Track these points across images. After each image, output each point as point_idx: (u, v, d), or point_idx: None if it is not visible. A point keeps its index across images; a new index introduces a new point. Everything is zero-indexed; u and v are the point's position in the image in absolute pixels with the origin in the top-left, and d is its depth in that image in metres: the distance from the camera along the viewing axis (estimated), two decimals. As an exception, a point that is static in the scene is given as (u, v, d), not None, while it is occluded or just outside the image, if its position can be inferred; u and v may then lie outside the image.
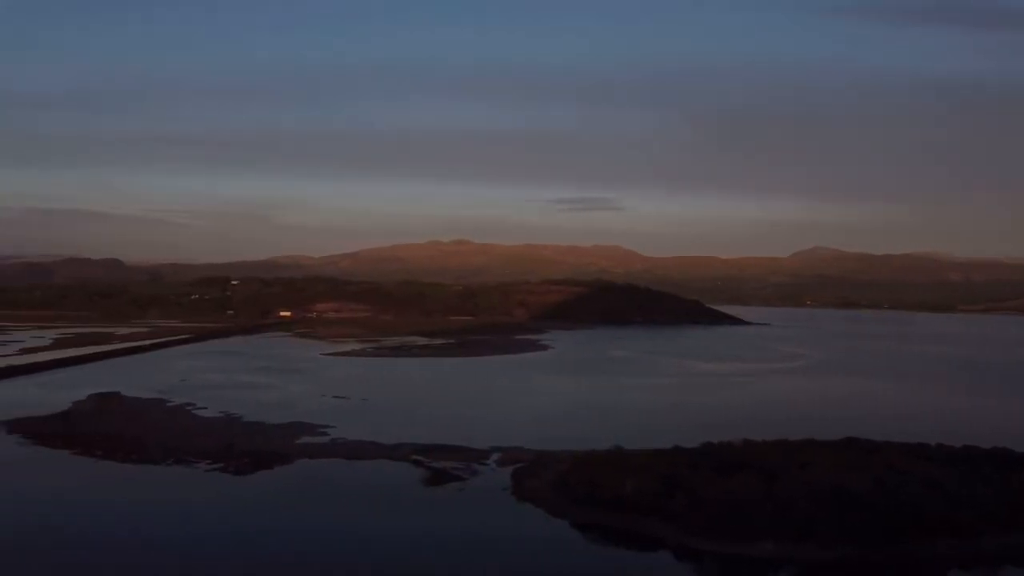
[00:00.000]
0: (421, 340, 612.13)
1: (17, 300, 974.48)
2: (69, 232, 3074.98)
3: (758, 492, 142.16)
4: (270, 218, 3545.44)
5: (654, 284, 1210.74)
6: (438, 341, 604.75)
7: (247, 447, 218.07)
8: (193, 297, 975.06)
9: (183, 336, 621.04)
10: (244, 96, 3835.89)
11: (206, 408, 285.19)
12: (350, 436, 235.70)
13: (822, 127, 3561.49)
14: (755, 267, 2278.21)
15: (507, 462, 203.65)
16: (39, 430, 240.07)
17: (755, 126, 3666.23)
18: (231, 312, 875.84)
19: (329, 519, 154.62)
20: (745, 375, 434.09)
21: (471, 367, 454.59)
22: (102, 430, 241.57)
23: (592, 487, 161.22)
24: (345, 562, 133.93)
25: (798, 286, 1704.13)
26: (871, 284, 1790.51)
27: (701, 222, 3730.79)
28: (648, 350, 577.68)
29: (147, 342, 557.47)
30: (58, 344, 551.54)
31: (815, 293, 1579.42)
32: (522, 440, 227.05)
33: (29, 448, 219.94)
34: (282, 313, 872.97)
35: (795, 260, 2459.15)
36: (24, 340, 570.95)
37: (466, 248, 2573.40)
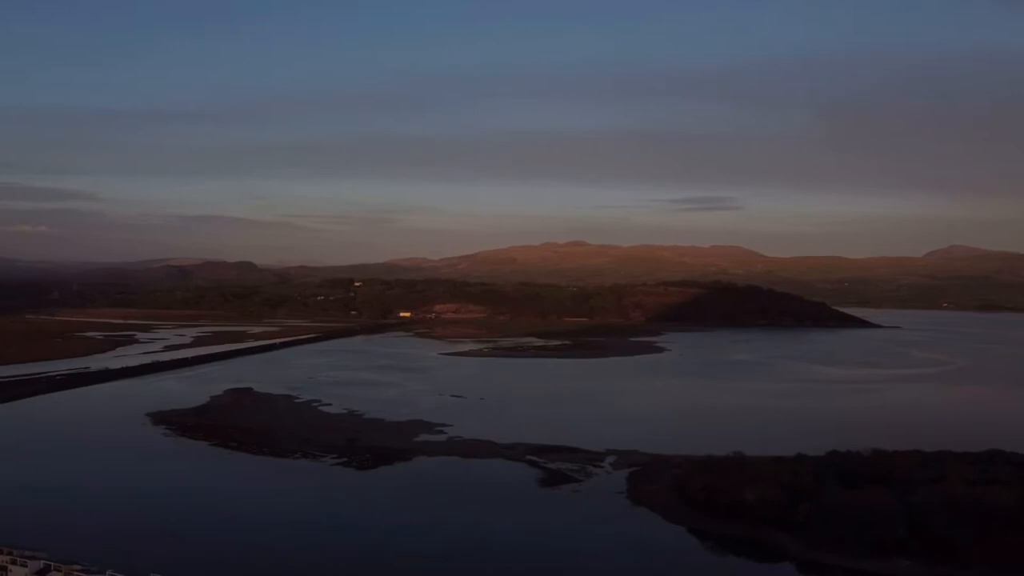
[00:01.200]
0: (536, 341, 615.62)
1: (162, 300, 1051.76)
2: (207, 237, 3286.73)
3: (890, 505, 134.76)
4: (392, 222, 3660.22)
5: (776, 286, 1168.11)
6: (553, 342, 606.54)
7: (369, 443, 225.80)
8: (319, 298, 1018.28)
9: (310, 335, 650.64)
10: (368, 104, 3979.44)
11: (331, 404, 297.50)
12: (466, 435, 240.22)
13: (957, 118, 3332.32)
14: (885, 267, 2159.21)
15: (622, 465, 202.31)
16: (181, 422, 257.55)
17: (884, 118, 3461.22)
18: (355, 312, 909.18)
19: (447, 517, 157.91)
20: (874, 381, 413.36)
21: (586, 368, 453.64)
22: (236, 423, 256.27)
23: (710, 493, 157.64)
24: (464, 560, 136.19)
25: (933, 288, 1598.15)
26: (1016, 285, 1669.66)
27: (826, 221, 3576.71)
28: (770, 354, 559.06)
29: (277, 340, 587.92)
30: (198, 341, 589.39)
31: (952, 295, 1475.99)
32: (637, 443, 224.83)
33: (173, 439, 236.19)
34: (402, 314, 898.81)
35: (929, 260, 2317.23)
36: (168, 338, 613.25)
37: (582, 249, 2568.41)
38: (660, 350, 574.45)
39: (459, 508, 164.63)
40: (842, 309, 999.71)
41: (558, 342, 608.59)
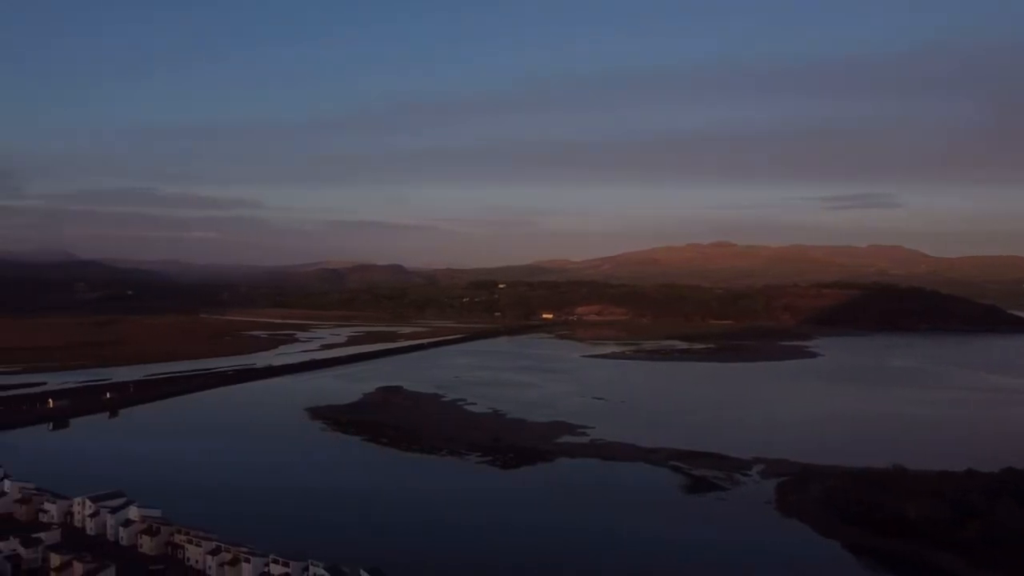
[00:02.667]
0: (680, 344, 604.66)
1: (318, 301, 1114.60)
2: (359, 241, 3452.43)
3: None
4: (536, 224, 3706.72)
5: (942, 287, 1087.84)
6: (698, 345, 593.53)
7: (512, 442, 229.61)
8: (464, 299, 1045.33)
9: (456, 335, 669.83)
10: (513, 108, 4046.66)
11: (475, 404, 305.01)
12: (608, 437, 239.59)
13: None
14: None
15: (770, 474, 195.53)
16: (337, 417, 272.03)
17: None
18: (498, 314, 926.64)
19: (589, 519, 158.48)
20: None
21: (732, 373, 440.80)
22: (387, 420, 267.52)
23: (866, 508, 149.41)
24: (608, 564, 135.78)
25: None
26: None
27: (1001, 217, 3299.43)
28: (935, 360, 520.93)
29: (425, 341, 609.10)
30: (351, 341, 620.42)
31: None
32: (786, 451, 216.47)
33: (329, 433, 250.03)
34: (545, 315, 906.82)
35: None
36: (324, 337, 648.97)
37: (728, 250, 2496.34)
38: (812, 355, 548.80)
39: (601, 511, 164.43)
40: (1019, 313, 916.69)
41: (703, 345, 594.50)
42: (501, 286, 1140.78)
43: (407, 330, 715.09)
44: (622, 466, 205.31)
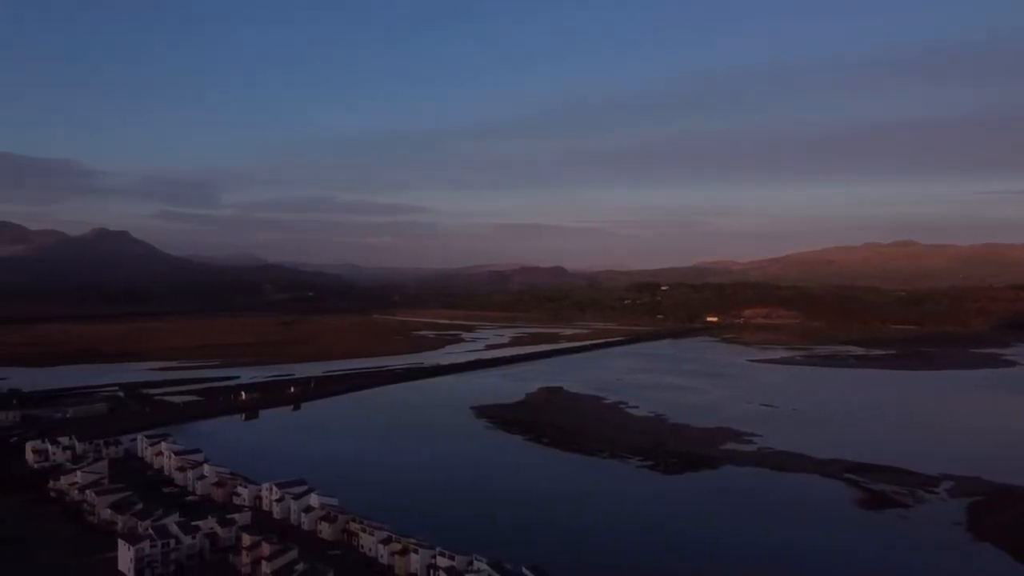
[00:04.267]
0: (856, 350, 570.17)
1: (483, 302, 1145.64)
2: (523, 243, 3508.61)
3: None
4: (699, 224, 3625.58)
5: None
6: (876, 351, 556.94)
7: (675, 447, 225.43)
8: (626, 301, 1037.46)
9: (617, 337, 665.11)
10: (669, 107, 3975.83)
11: (637, 407, 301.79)
12: (777, 446, 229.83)
13: None
14: None
15: (960, 493, 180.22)
16: (501, 416, 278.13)
17: None
18: (660, 316, 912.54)
19: (758, 531, 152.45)
20: None
21: (915, 381, 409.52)
22: (548, 420, 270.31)
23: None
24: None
25: None
26: None
27: None
28: None
29: (587, 342, 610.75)
30: (514, 341, 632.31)
31: None
32: (979, 469, 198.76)
33: (493, 432, 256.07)
34: (709, 318, 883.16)
35: None
36: (488, 337, 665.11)
37: (910, 250, 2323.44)
38: (1009, 363, 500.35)
39: (772, 523, 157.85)
40: None
41: (882, 351, 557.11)
42: (663, 288, 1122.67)
43: (568, 331, 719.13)
44: (792, 477, 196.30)
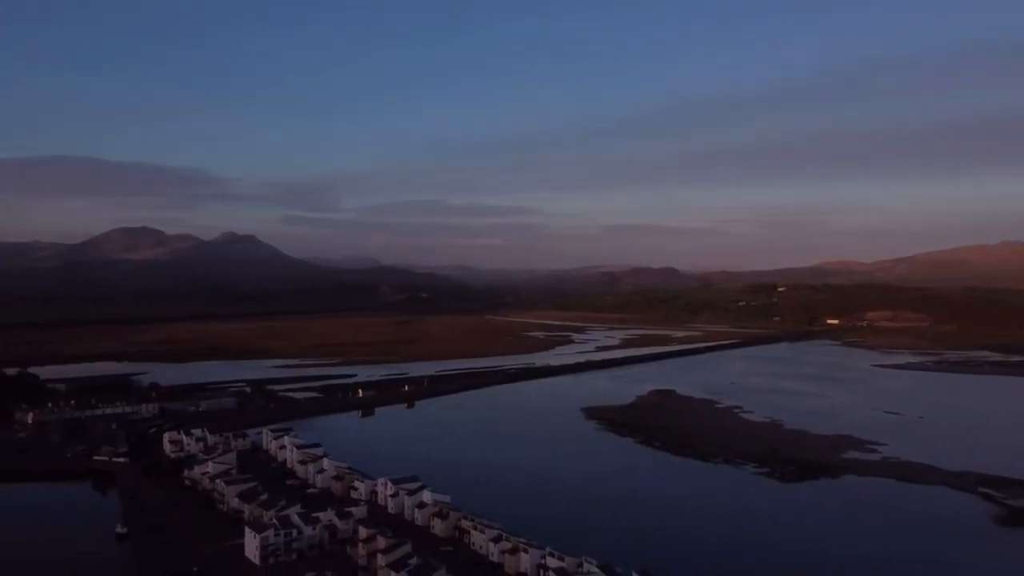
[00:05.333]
0: (992, 355, 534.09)
1: (593, 303, 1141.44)
2: (634, 244, 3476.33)
3: None
4: (818, 223, 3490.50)
5: None
6: (1015, 358, 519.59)
7: (791, 454, 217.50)
8: (740, 303, 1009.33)
9: (731, 340, 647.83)
10: (780, 103, 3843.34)
11: (752, 412, 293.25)
12: (903, 456, 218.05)
13: None
14: None
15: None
16: (611, 418, 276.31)
17: None
18: (777, 318, 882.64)
19: (883, 546, 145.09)
20: None
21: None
22: (660, 423, 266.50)
23: None
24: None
25: None
26: None
27: None
28: None
29: (699, 345, 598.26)
30: (625, 343, 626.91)
31: None
32: None
33: (603, 433, 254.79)
34: (829, 320, 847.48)
35: None
36: (599, 339, 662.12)
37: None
38: None
39: (899, 538, 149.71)
40: None
41: (1020, 358, 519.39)
42: (780, 289, 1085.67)
43: (680, 333, 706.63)
44: (920, 489, 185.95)
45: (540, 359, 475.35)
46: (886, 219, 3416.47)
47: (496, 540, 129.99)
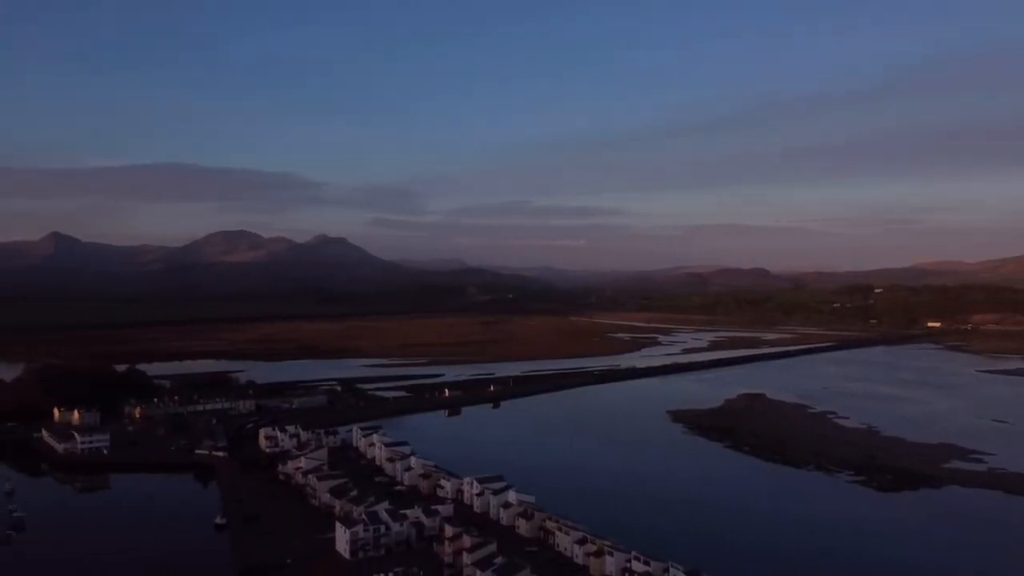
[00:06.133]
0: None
1: (680, 305, 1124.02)
2: (721, 244, 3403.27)
3: None
4: (917, 222, 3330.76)
5: None
6: None
7: (889, 462, 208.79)
8: (835, 305, 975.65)
9: (824, 343, 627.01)
10: (876, 98, 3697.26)
11: (847, 417, 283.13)
12: (1012, 467, 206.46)
13: None
14: None
15: None
16: (698, 421, 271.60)
17: None
18: (873, 321, 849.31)
19: (992, 563, 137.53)
20: None
21: None
22: (749, 427, 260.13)
23: None
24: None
25: None
26: None
27: None
28: None
29: (791, 347, 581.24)
30: (712, 345, 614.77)
31: None
32: None
33: (690, 437, 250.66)
34: (930, 323, 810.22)
35: None
36: (685, 341, 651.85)
37: None
38: None
39: (1010, 554, 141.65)
40: None
41: None
42: (877, 290, 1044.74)
43: (770, 336, 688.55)
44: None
45: (626, 361, 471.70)
46: (992, 217, 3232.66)
47: (581, 542, 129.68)
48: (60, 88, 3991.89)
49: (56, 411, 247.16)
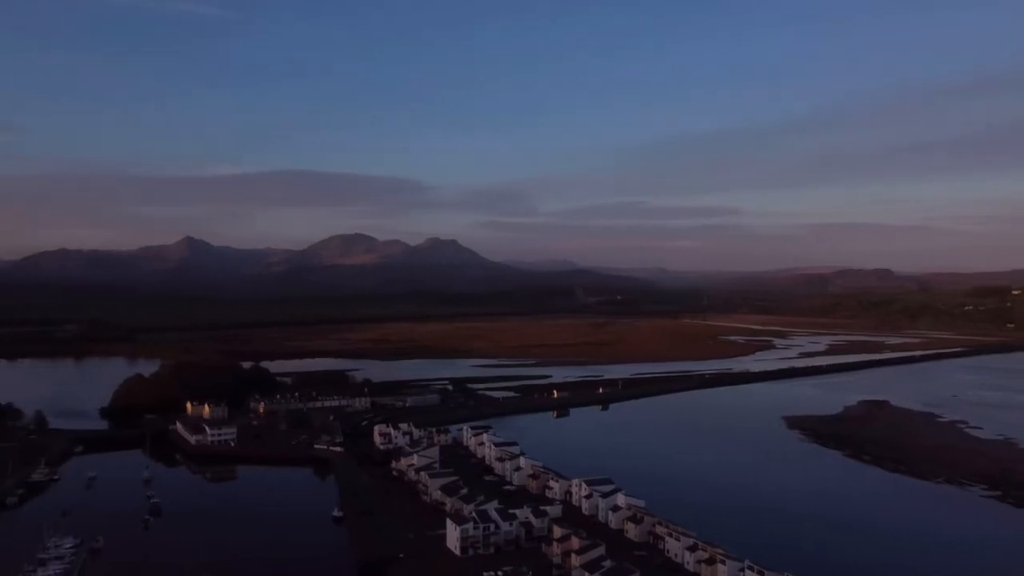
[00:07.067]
0: None
1: (797, 307, 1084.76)
2: (842, 244, 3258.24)
3: None
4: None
5: None
6: None
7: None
8: (966, 308, 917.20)
9: (955, 348, 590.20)
10: (1009, 86, 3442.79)
11: (980, 428, 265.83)
12: None
13: None
14: None
15: None
16: (816, 428, 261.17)
17: None
18: (1011, 325, 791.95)
19: None
20: None
21: None
22: (870, 436, 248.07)
23: None
24: None
25: None
26: None
27: None
28: None
29: (917, 353, 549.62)
30: (831, 349, 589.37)
31: None
32: None
33: (807, 444, 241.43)
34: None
35: None
36: (802, 344, 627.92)
37: None
38: None
39: None
40: None
41: None
42: (1015, 292, 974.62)
43: (895, 340, 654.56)
44: None
45: (739, 364, 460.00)
46: None
47: (692, 548, 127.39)
48: (194, 105, 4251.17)
49: (189, 405, 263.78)
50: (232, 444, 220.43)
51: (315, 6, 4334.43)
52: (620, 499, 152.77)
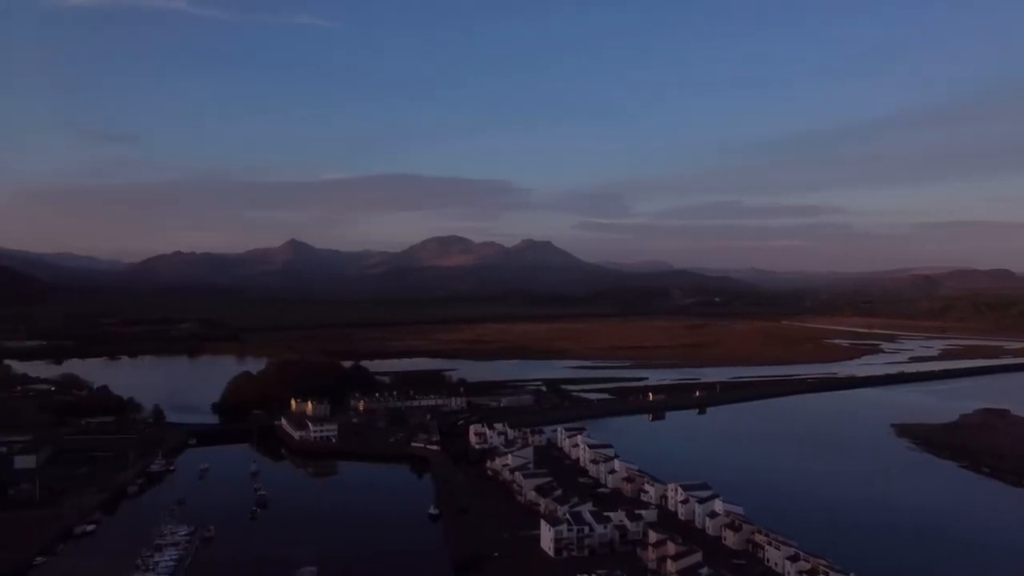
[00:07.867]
0: None
1: (905, 310, 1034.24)
2: (955, 243, 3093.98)
3: None
4: None
5: None
6: None
7: None
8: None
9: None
10: None
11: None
12: None
13: None
14: None
15: None
16: (928, 437, 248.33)
17: None
18: None
19: None
20: None
21: None
22: (990, 446, 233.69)
23: None
24: None
25: None
26: None
27: None
28: None
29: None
30: (944, 354, 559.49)
31: None
32: None
33: (917, 453, 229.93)
34: None
35: None
36: (912, 349, 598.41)
37: None
38: None
39: None
40: None
41: None
42: None
43: (1015, 345, 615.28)
44: None
45: (843, 369, 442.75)
46: None
47: (793, 559, 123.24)
48: (299, 114, 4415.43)
49: (292, 402, 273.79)
50: (333, 440, 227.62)
51: (419, 20, 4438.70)
52: (718, 505, 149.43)
